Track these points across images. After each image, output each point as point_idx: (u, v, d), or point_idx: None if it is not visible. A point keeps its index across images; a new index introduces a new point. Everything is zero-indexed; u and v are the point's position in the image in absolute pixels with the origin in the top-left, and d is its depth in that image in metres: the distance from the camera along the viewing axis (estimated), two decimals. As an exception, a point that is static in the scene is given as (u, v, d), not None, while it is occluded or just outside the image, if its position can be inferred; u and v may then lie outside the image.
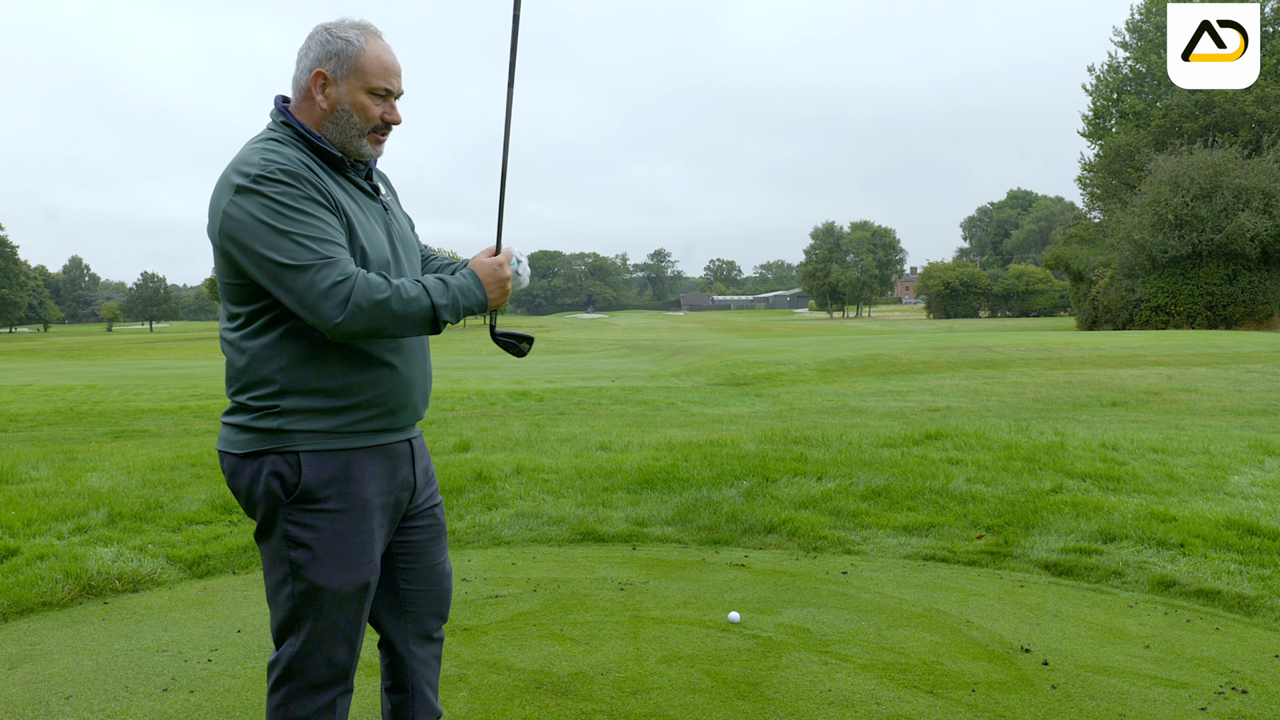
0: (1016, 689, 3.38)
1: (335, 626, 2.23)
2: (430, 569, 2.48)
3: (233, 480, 2.24)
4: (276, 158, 2.11)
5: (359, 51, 2.20)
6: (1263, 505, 5.96)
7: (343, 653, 2.26)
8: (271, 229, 2.04)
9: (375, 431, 2.25)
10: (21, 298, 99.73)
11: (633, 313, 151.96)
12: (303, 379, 2.17)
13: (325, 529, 2.19)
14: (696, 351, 32.82)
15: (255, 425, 2.18)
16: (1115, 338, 30.04)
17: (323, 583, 2.20)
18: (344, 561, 2.21)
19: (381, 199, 2.35)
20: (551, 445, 8.94)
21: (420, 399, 2.37)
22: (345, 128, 2.22)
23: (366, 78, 2.21)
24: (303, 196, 2.08)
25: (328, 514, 2.19)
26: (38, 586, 4.48)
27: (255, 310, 2.16)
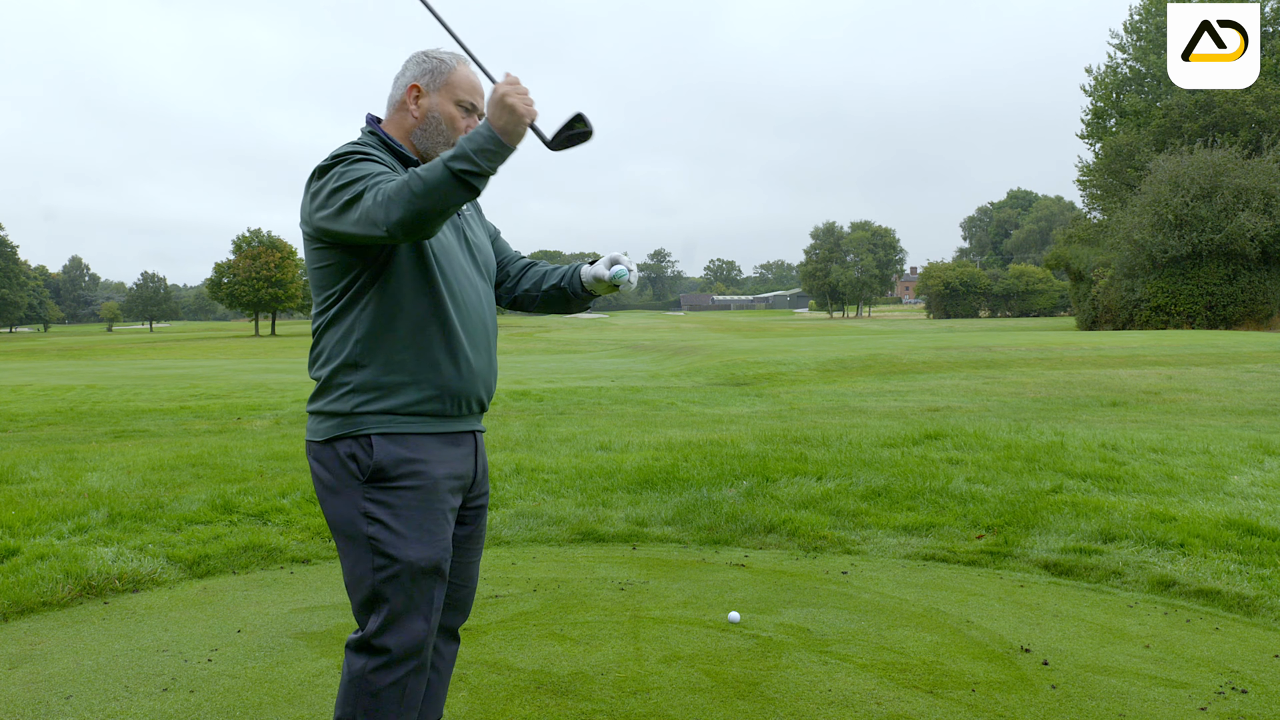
0: (1016, 689, 3.38)
1: (413, 602, 2.32)
2: (466, 565, 2.61)
3: (316, 468, 2.37)
4: (349, 145, 2.31)
5: (450, 69, 2.44)
6: (1263, 505, 5.96)
7: (420, 629, 2.35)
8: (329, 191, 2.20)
9: (439, 416, 2.38)
10: (21, 298, 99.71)
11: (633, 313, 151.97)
12: (373, 358, 2.32)
13: (401, 506, 2.31)
14: (696, 351, 32.83)
15: (330, 409, 2.33)
16: (1115, 338, 30.04)
17: (402, 557, 2.30)
18: (420, 537, 2.32)
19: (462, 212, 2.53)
20: (551, 445, 8.94)
21: (485, 391, 2.49)
22: (433, 135, 2.43)
23: (456, 91, 2.44)
24: (361, 158, 2.24)
25: (403, 491, 2.31)
26: (38, 586, 4.48)
27: (334, 294, 2.33)
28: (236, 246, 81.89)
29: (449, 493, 2.40)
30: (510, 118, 2.09)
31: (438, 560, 2.35)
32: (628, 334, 63.04)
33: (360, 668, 2.33)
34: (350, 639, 2.38)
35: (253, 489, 6.63)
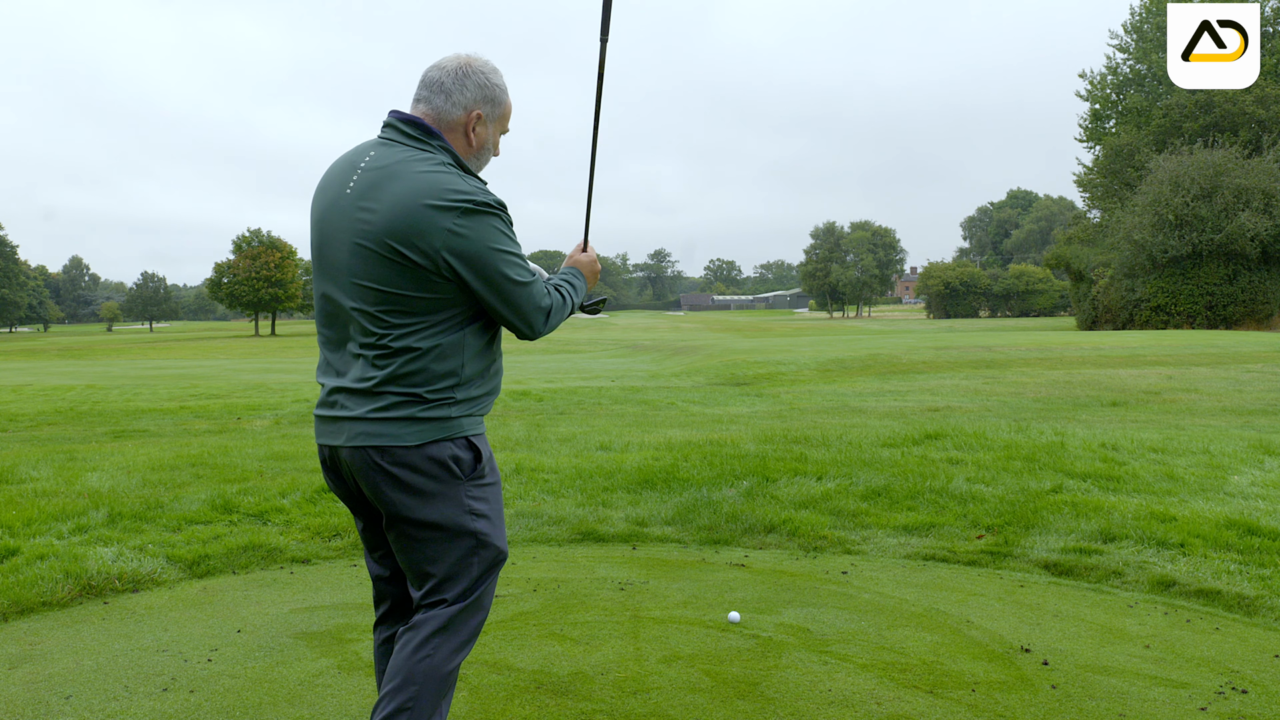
0: (1016, 689, 3.38)
1: (492, 587, 2.54)
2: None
3: (398, 470, 2.34)
4: (482, 186, 2.40)
5: (505, 102, 2.52)
6: (1263, 505, 5.96)
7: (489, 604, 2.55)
8: (504, 251, 2.35)
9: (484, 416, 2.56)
10: (21, 298, 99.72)
11: (633, 313, 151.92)
12: (475, 371, 2.44)
13: (493, 500, 2.51)
14: (696, 351, 32.82)
15: (425, 415, 2.35)
16: (1115, 338, 30.04)
17: (501, 545, 2.51)
18: (501, 526, 2.54)
19: None
20: (551, 445, 8.94)
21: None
22: (480, 163, 2.54)
23: (505, 121, 2.56)
24: (510, 223, 2.42)
25: (489, 486, 2.50)
26: (38, 586, 4.48)
27: (443, 318, 2.35)
28: (236, 246, 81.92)
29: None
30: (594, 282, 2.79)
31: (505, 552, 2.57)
32: (628, 334, 63.03)
33: (436, 648, 2.41)
34: (429, 625, 2.42)
35: (253, 489, 6.63)
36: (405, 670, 2.37)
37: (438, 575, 2.44)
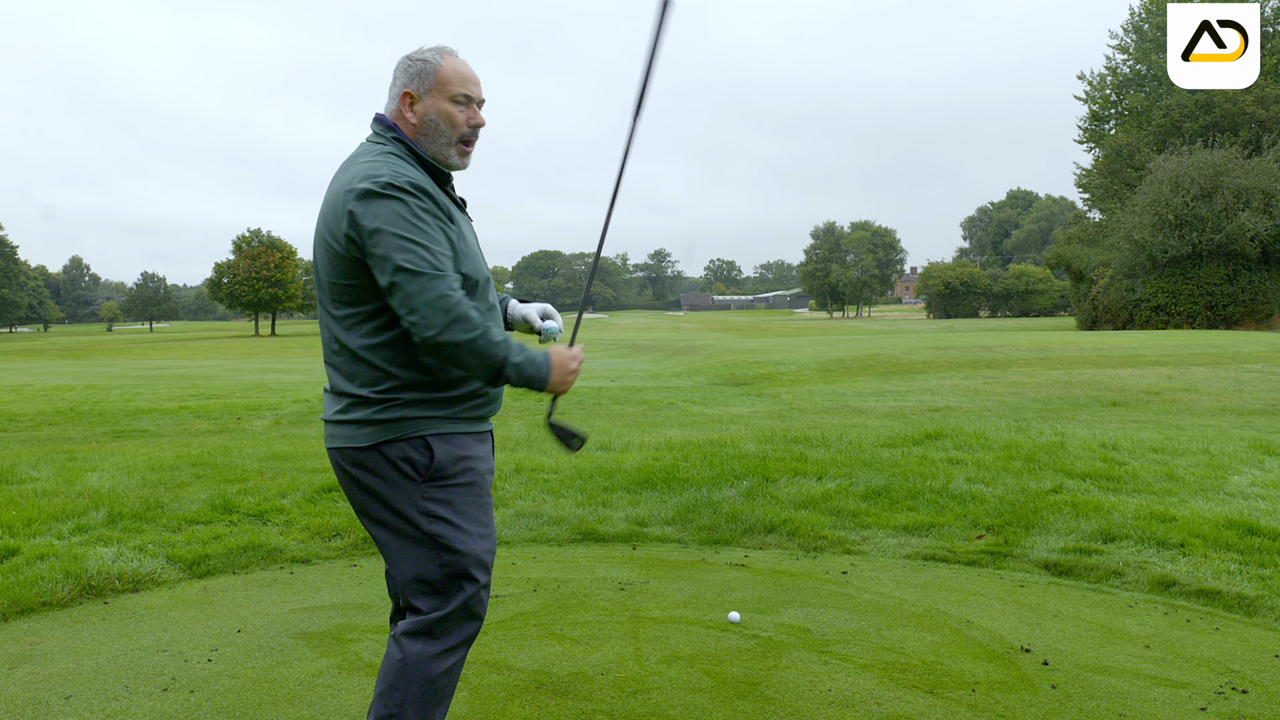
0: (1016, 689, 3.38)
1: (474, 593, 2.43)
2: None
3: (355, 471, 2.39)
4: (405, 170, 2.33)
5: (436, 67, 2.43)
6: (1263, 505, 5.96)
7: (480, 616, 2.47)
8: (399, 236, 2.24)
9: (475, 419, 2.48)
10: (21, 298, 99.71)
11: (633, 313, 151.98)
12: (424, 371, 2.36)
13: (460, 502, 2.40)
14: (696, 351, 32.82)
15: (378, 418, 2.35)
16: (1115, 338, 30.04)
17: (468, 550, 2.40)
18: (480, 529, 2.44)
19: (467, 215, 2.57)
20: (551, 445, 8.94)
21: (505, 394, 2.64)
22: (435, 138, 2.44)
23: (447, 87, 2.43)
24: (425, 209, 2.30)
25: (461, 488, 2.41)
26: (38, 586, 4.48)
27: (374, 309, 2.33)
28: (236, 246, 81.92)
29: (488, 489, 2.52)
30: (563, 386, 2.42)
31: (493, 550, 2.48)
32: (628, 334, 63.04)
33: (419, 654, 2.38)
34: (405, 627, 2.42)
35: (253, 489, 6.63)
36: (390, 675, 2.40)
37: (404, 578, 2.42)
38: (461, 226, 2.45)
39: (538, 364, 2.35)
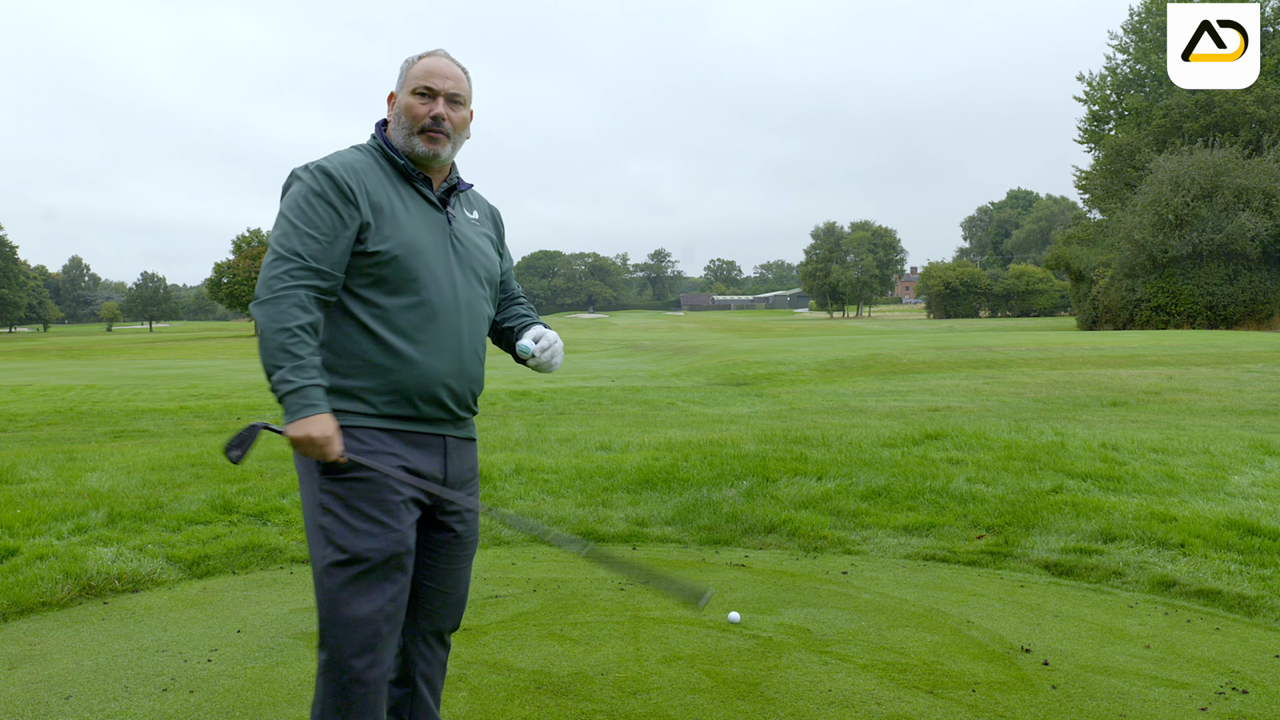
0: (1016, 689, 3.38)
1: (362, 595, 2.32)
2: (450, 572, 2.58)
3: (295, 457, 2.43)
4: (330, 158, 2.41)
5: (411, 65, 2.52)
6: (1263, 505, 5.96)
7: (371, 622, 2.33)
8: (281, 215, 2.36)
9: (396, 417, 2.39)
10: (21, 298, 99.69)
11: (633, 313, 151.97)
12: (337, 356, 2.37)
13: (353, 498, 2.32)
14: (696, 351, 32.83)
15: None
16: (1115, 338, 30.04)
17: (351, 549, 2.31)
18: (371, 529, 2.32)
19: (449, 213, 2.52)
20: (551, 445, 8.94)
21: (451, 396, 2.46)
22: (399, 130, 2.49)
23: (411, 82, 2.50)
24: (317, 192, 2.33)
25: (354, 483, 2.33)
26: (38, 586, 4.48)
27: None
28: (236, 246, 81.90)
29: (409, 488, 2.39)
30: (294, 437, 2.23)
31: (391, 552, 2.33)
32: (628, 334, 63.03)
33: (323, 661, 2.36)
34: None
35: (252, 489, 6.63)
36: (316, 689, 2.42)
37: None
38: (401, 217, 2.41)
39: (300, 400, 2.21)
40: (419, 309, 2.39)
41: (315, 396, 2.24)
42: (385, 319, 2.37)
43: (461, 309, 2.46)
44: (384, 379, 2.36)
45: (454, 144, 2.52)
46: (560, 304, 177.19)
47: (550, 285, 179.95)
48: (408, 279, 2.38)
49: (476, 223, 2.64)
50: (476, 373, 2.53)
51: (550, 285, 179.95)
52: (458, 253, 2.50)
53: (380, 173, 2.45)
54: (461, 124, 2.52)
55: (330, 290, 2.34)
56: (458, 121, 2.50)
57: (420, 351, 2.39)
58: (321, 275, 2.31)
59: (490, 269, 2.60)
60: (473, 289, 2.51)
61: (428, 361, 2.40)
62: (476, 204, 2.70)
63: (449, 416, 2.48)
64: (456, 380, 2.46)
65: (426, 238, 2.44)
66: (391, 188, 2.44)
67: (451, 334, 2.44)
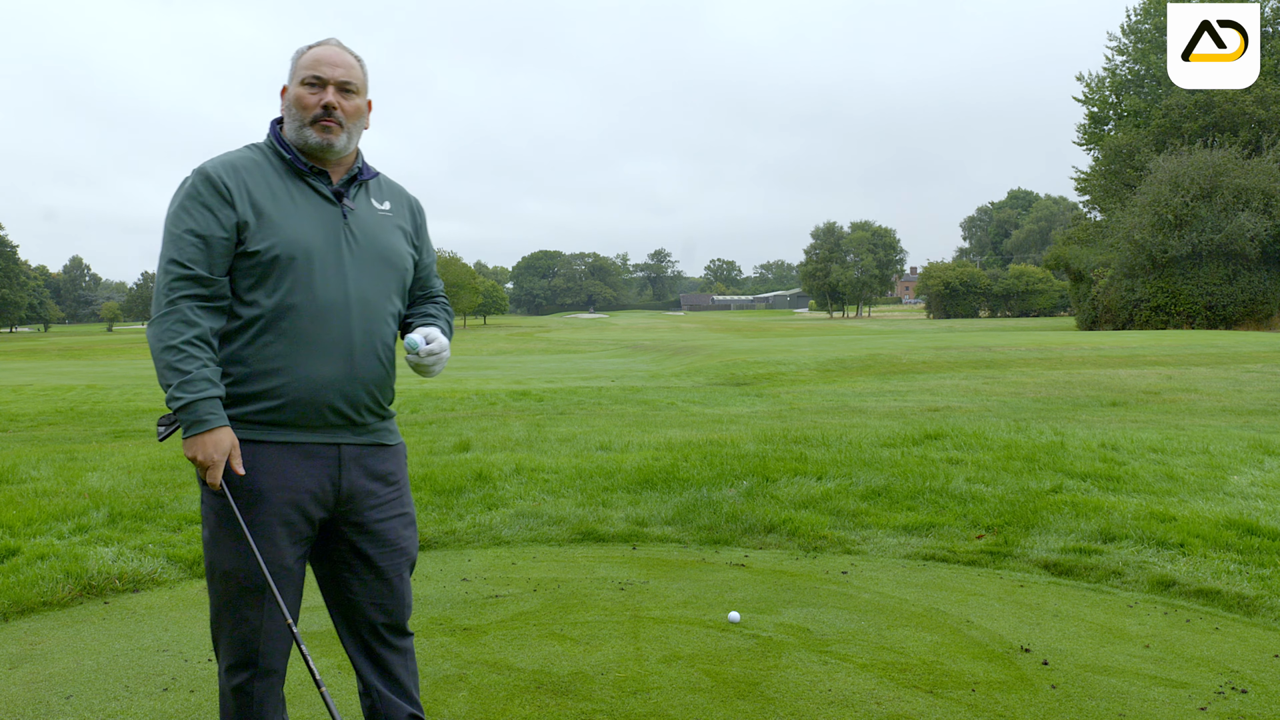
0: (1016, 689, 3.38)
1: (234, 608, 2.33)
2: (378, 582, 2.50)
3: None
4: (213, 159, 2.37)
5: (300, 55, 2.45)
6: (1262, 505, 5.96)
7: (246, 636, 2.34)
8: (166, 225, 2.33)
9: (280, 425, 2.31)
10: (21, 298, 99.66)
11: (633, 313, 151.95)
12: (227, 362, 2.33)
13: (225, 512, 2.30)
14: (696, 351, 32.83)
15: None
16: (1115, 338, 30.04)
17: (215, 564, 2.34)
18: (235, 547, 2.30)
19: (345, 206, 2.41)
20: (551, 445, 8.94)
21: (341, 400, 2.34)
22: (290, 121, 2.41)
23: (300, 72, 2.42)
24: (192, 196, 2.30)
25: (224, 498, 2.30)
26: (38, 586, 4.48)
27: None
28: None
29: (287, 506, 2.31)
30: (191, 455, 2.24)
31: (259, 575, 2.28)
32: (628, 334, 63.03)
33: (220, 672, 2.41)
34: None
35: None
36: None
37: None
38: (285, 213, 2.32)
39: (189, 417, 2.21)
40: (302, 310, 2.29)
41: (203, 411, 2.21)
42: (267, 322, 2.29)
43: (353, 308, 2.35)
44: (267, 384, 2.29)
45: (349, 133, 2.41)
46: (560, 304, 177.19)
47: (550, 285, 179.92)
48: (289, 279, 2.29)
49: (387, 214, 2.51)
50: (374, 374, 2.40)
51: (550, 285, 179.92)
52: (352, 247, 2.38)
53: (269, 169, 2.37)
54: (355, 113, 2.42)
55: (215, 295, 2.28)
56: (350, 110, 2.40)
57: (304, 355, 2.30)
58: (201, 281, 2.25)
59: (397, 263, 2.48)
60: (369, 285, 2.39)
61: (311, 365, 2.30)
62: (389, 194, 2.57)
63: (342, 423, 2.37)
64: (347, 384, 2.34)
65: (314, 234, 2.33)
66: (280, 184, 2.36)
67: (340, 335, 2.33)
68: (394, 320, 2.47)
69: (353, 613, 2.51)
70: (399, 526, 2.51)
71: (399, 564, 2.52)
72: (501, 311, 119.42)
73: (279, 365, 2.28)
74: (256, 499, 2.29)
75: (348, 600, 2.50)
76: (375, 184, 2.55)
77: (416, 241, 2.60)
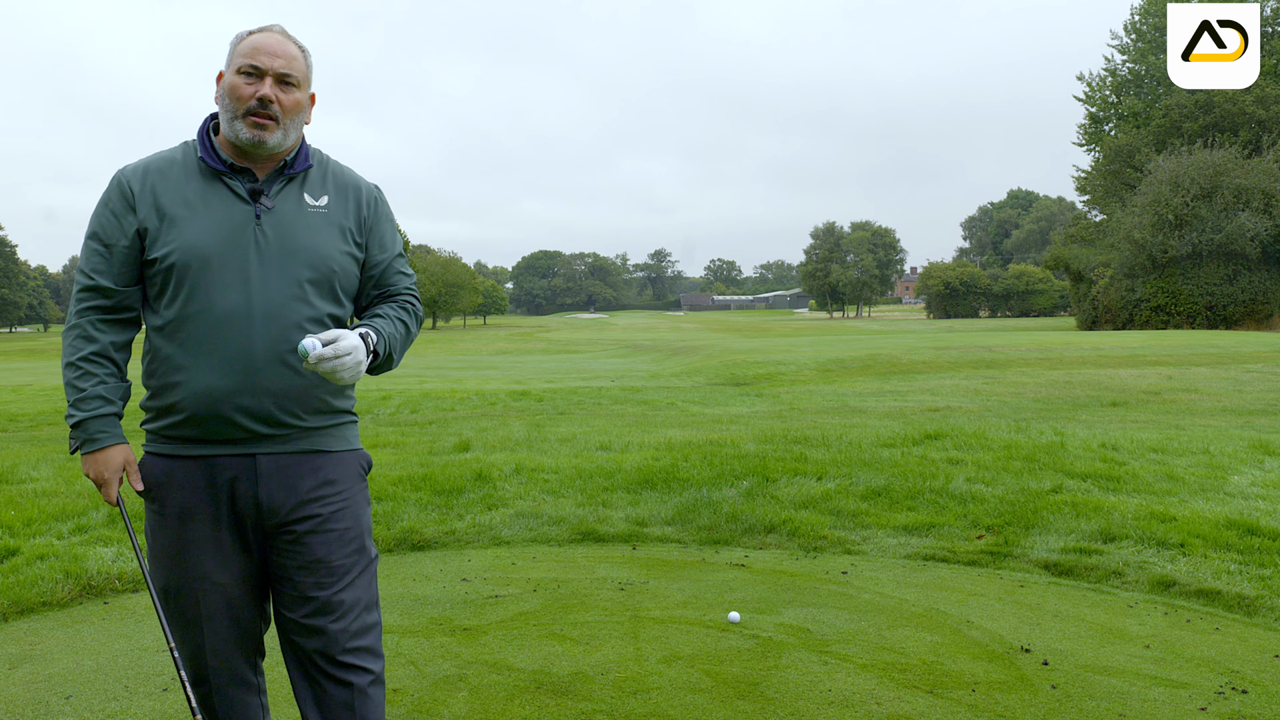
0: (1016, 689, 3.38)
1: (177, 623, 2.31)
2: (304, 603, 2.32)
3: None
4: (131, 164, 2.31)
5: (239, 41, 2.29)
6: (1263, 505, 5.96)
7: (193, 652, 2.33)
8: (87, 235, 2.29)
9: (190, 440, 2.24)
10: (21, 298, 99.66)
11: (633, 313, 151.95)
12: (144, 375, 2.30)
13: (151, 528, 2.33)
14: (696, 351, 32.83)
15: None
16: (1115, 338, 30.04)
17: (152, 577, 2.31)
18: (160, 561, 2.31)
19: (260, 206, 2.23)
20: (551, 445, 8.94)
21: (241, 413, 2.20)
22: (224, 112, 2.26)
23: (237, 60, 2.26)
24: (104, 202, 2.27)
25: (153, 514, 2.32)
26: (38, 586, 4.48)
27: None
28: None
29: (206, 521, 2.24)
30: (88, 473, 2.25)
31: (183, 588, 2.27)
32: (628, 334, 63.04)
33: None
34: None
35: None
36: None
37: None
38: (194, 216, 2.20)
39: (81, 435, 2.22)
40: (198, 319, 2.17)
41: (95, 429, 2.21)
42: (166, 332, 2.21)
43: (255, 316, 2.18)
44: (169, 399, 2.22)
45: (285, 130, 2.24)
46: (560, 304, 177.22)
47: (550, 285, 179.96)
48: (187, 287, 2.18)
49: (319, 210, 2.30)
50: (282, 385, 2.21)
51: (550, 285, 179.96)
52: (262, 250, 2.20)
53: (183, 170, 2.25)
54: (294, 107, 2.25)
55: (119, 307, 2.25)
56: (289, 105, 2.24)
57: (200, 366, 2.18)
58: (103, 293, 2.23)
59: (320, 264, 2.26)
60: (279, 291, 2.21)
61: (206, 378, 2.17)
62: (334, 185, 2.35)
63: (250, 436, 2.22)
64: (249, 396, 2.19)
65: (216, 238, 2.18)
66: (193, 186, 2.23)
67: (240, 345, 2.17)
68: (317, 326, 2.25)
69: (283, 635, 2.38)
70: (330, 541, 2.29)
71: (326, 582, 2.30)
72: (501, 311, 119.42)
73: (178, 380, 2.20)
74: (179, 515, 2.26)
75: (280, 622, 2.39)
76: (316, 174, 2.34)
77: (360, 238, 2.36)
